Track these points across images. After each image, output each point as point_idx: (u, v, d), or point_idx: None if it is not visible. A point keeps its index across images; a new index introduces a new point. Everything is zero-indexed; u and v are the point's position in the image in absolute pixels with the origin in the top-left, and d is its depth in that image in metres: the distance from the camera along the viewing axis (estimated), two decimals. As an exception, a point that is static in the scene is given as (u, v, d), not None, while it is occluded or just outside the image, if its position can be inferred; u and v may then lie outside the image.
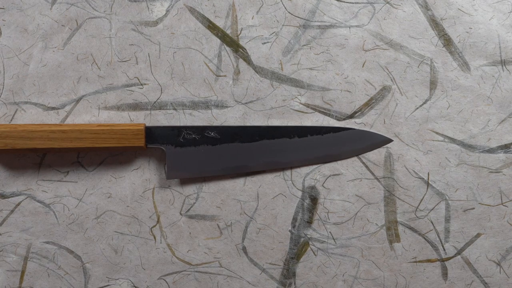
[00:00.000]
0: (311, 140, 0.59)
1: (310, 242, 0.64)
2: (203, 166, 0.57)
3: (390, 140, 0.61)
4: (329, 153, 0.60)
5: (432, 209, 0.64)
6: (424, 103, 0.65)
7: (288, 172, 0.64)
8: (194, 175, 0.58)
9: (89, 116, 0.64)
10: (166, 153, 0.56)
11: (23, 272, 0.64)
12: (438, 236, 0.64)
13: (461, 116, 0.65)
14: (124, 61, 0.65)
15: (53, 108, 0.65)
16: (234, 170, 0.58)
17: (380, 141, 0.61)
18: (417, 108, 0.65)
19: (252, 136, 0.58)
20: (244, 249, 0.65)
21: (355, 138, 0.60)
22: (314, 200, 0.64)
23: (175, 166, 0.56)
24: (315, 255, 0.65)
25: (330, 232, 0.65)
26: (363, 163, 0.64)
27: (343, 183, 0.64)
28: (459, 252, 0.64)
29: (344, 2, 0.66)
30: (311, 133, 0.59)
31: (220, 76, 0.65)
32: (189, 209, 0.64)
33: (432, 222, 0.64)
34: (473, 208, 0.64)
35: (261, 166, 0.58)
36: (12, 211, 0.64)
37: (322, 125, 0.63)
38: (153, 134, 0.56)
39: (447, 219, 0.64)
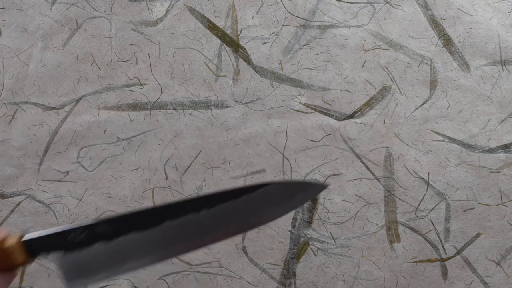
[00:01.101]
0: (225, 209, 0.47)
1: (310, 242, 0.64)
2: (104, 267, 0.46)
3: (324, 187, 0.47)
4: (251, 219, 0.48)
5: (432, 209, 0.64)
6: (424, 103, 0.65)
7: (288, 172, 0.64)
8: (97, 279, 0.47)
9: (89, 116, 0.64)
10: (57, 263, 0.45)
11: (23, 272, 0.64)
12: (438, 236, 0.64)
13: (461, 116, 0.65)
14: (124, 61, 0.65)
15: (53, 108, 0.65)
16: (143, 264, 0.46)
17: (313, 190, 0.49)
18: (417, 108, 0.65)
19: (150, 220, 0.47)
20: (244, 249, 0.65)
21: (277, 195, 0.47)
22: (314, 200, 0.64)
23: (72, 275, 0.46)
24: (315, 255, 0.65)
25: (330, 232, 0.65)
26: (363, 163, 0.64)
27: (343, 183, 0.64)
28: (459, 252, 0.64)
29: (344, 2, 0.66)
30: (221, 201, 0.47)
31: (220, 76, 0.65)
32: (189, 209, 0.64)
33: (432, 222, 0.64)
34: (473, 208, 0.64)
35: (173, 252, 0.47)
36: (12, 211, 0.64)
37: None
38: (34, 246, 0.45)
39: (447, 219, 0.64)
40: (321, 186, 0.47)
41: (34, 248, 0.45)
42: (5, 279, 0.42)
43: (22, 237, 0.44)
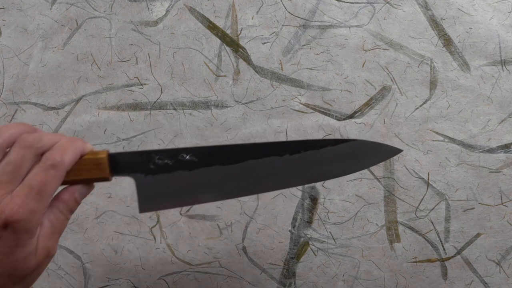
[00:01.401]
0: (306, 157, 0.49)
1: (310, 242, 0.64)
2: (180, 196, 0.48)
3: (399, 150, 0.51)
4: (328, 171, 0.50)
5: (432, 209, 0.64)
6: (424, 103, 0.65)
7: (288, 172, 0.64)
8: (170, 206, 0.49)
9: (89, 116, 0.64)
10: (136, 184, 0.47)
11: (23, 272, 0.64)
12: (438, 236, 0.64)
13: (461, 116, 0.65)
14: (124, 61, 0.65)
15: (53, 108, 0.65)
16: (217, 197, 0.49)
17: (388, 152, 0.51)
18: (417, 108, 0.65)
19: (234, 156, 0.48)
20: (244, 249, 0.65)
21: (357, 151, 0.50)
22: (314, 200, 0.64)
23: (147, 198, 0.47)
24: (315, 255, 0.65)
25: (330, 232, 0.65)
26: (363, 163, 0.64)
27: (343, 183, 0.64)
28: (459, 252, 0.64)
29: (344, 2, 0.66)
30: (304, 149, 0.49)
31: (220, 76, 0.65)
32: (189, 209, 0.64)
33: (432, 222, 0.64)
34: (473, 208, 0.64)
35: (247, 191, 0.49)
36: (12, 211, 0.64)
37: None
38: (118, 163, 0.46)
39: (447, 219, 0.64)
40: (397, 150, 0.50)
41: (118, 165, 0.46)
42: (82, 191, 0.43)
43: (108, 152, 0.46)
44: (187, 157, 0.48)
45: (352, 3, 0.66)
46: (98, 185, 0.64)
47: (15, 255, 0.37)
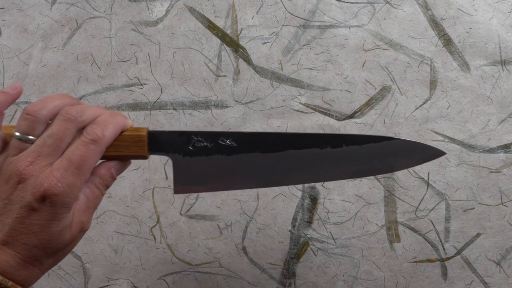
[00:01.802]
0: (347, 152, 0.47)
1: (310, 242, 0.64)
2: (216, 180, 0.47)
3: (443, 153, 0.49)
4: (368, 167, 0.48)
5: (432, 209, 0.64)
6: (424, 103, 0.65)
7: (288, 172, 0.64)
8: (205, 189, 0.49)
9: (89, 116, 0.64)
10: (173, 164, 0.46)
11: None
12: (438, 236, 0.64)
13: (461, 116, 0.65)
14: (124, 61, 0.65)
15: (53, 108, 0.65)
16: (253, 185, 0.49)
17: (431, 154, 0.49)
18: (417, 108, 0.65)
19: (275, 145, 0.47)
20: (244, 249, 0.65)
21: (400, 150, 0.48)
22: (314, 200, 0.64)
23: (183, 179, 0.47)
24: (315, 255, 0.65)
25: (330, 232, 0.65)
26: (363, 163, 0.64)
27: (343, 183, 0.64)
28: (459, 252, 0.64)
29: (344, 2, 0.66)
30: (346, 143, 0.47)
31: (220, 76, 0.65)
32: (189, 209, 0.64)
33: (432, 222, 0.64)
34: (473, 208, 0.64)
35: (285, 180, 0.49)
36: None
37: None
38: (157, 141, 0.46)
39: (447, 219, 0.64)
40: (440, 152, 0.49)
41: (157, 143, 0.46)
42: (118, 167, 0.43)
43: (148, 129, 0.45)
44: (227, 141, 0.47)
45: (352, 3, 0.66)
46: (98, 185, 0.64)
47: (51, 228, 0.37)
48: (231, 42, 0.65)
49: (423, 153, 0.49)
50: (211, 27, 0.66)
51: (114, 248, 0.64)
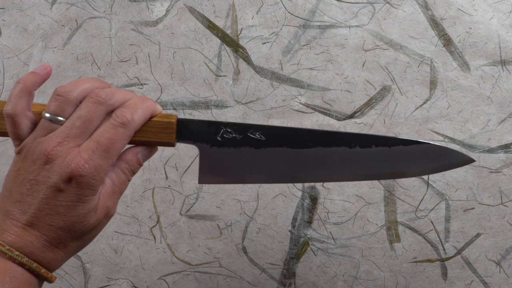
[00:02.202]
0: (376, 153, 0.47)
1: (310, 242, 0.64)
2: (242, 172, 0.47)
3: (472, 160, 0.49)
4: (395, 170, 0.48)
5: (432, 209, 0.64)
6: (424, 103, 0.65)
7: (288, 172, 0.64)
8: (230, 181, 0.48)
9: (89, 116, 0.64)
10: (200, 153, 0.46)
11: (23, 272, 0.64)
12: (438, 236, 0.64)
13: (461, 116, 0.65)
14: (124, 61, 0.65)
15: (53, 108, 0.65)
16: (279, 180, 0.48)
17: (460, 161, 0.48)
18: (417, 108, 0.65)
19: (304, 141, 0.47)
20: (244, 249, 0.65)
21: (429, 155, 0.48)
22: (314, 200, 0.64)
23: (209, 169, 0.46)
24: (315, 255, 0.65)
25: (330, 232, 0.65)
26: (363, 163, 0.64)
27: (343, 183, 0.64)
28: (459, 252, 0.64)
29: (344, 2, 0.66)
30: (376, 144, 0.47)
31: (220, 76, 0.65)
32: (189, 209, 0.64)
33: (432, 222, 0.64)
34: (473, 208, 0.64)
35: (312, 177, 0.48)
36: (12, 211, 0.64)
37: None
38: (186, 129, 0.45)
39: (447, 219, 0.64)
40: (469, 160, 0.48)
41: (185, 132, 0.45)
42: (145, 153, 0.42)
43: (177, 116, 0.45)
44: (256, 134, 0.47)
45: (352, 3, 0.66)
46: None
47: (76, 210, 0.37)
48: (231, 42, 0.65)
49: (452, 159, 0.48)
50: (211, 27, 0.66)
51: (114, 248, 0.64)
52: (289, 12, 0.66)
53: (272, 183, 0.49)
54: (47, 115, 0.38)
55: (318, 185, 0.64)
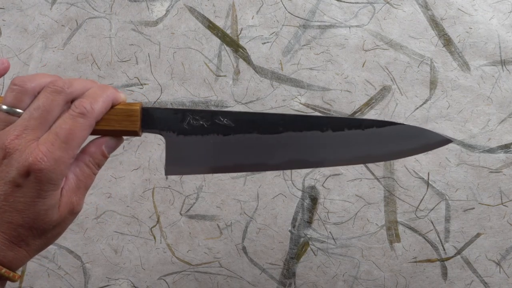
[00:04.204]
0: (349, 136, 0.45)
1: (310, 242, 0.64)
2: (210, 161, 0.45)
3: (449, 141, 0.47)
4: (370, 152, 0.46)
5: (432, 209, 0.64)
6: (424, 103, 0.65)
7: (287, 172, 0.64)
8: (198, 171, 0.47)
9: (89, 116, 0.64)
10: (166, 142, 0.44)
11: (23, 272, 0.64)
12: (438, 236, 0.64)
13: (461, 116, 0.65)
14: (124, 61, 0.65)
15: (53, 108, 0.65)
16: (249, 168, 0.46)
17: (437, 141, 0.46)
18: (417, 108, 0.65)
19: (274, 126, 0.44)
20: (244, 249, 0.65)
21: (403, 136, 0.46)
22: (314, 200, 0.64)
23: (175, 159, 0.44)
24: (315, 255, 0.65)
25: (330, 232, 0.65)
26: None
27: (343, 183, 0.64)
28: (459, 252, 0.64)
29: (344, 2, 0.66)
30: (349, 127, 0.45)
31: (220, 76, 0.65)
32: (189, 209, 0.64)
33: (432, 222, 0.64)
34: (473, 208, 0.64)
35: (283, 164, 0.46)
36: (12, 211, 0.64)
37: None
38: (151, 117, 0.43)
39: (447, 219, 0.64)
40: (446, 140, 0.46)
41: (150, 120, 0.43)
42: (110, 144, 0.41)
43: (141, 104, 0.43)
44: (224, 120, 0.45)
45: (352, 3, 0.66)
46: (98, 185, 0.64)
47: (35, 207, 0.36)
48: (231, 42, 0.65)
49: (428, 139, 0.46)
50: (211, 27, 0.66)
51: (114, 248, 0.64)
52: (289, 12, 0.66)
53: (242, 171, 0.46)
54: (4, 107, 0.37)
55: (318, 185, 0.64)
